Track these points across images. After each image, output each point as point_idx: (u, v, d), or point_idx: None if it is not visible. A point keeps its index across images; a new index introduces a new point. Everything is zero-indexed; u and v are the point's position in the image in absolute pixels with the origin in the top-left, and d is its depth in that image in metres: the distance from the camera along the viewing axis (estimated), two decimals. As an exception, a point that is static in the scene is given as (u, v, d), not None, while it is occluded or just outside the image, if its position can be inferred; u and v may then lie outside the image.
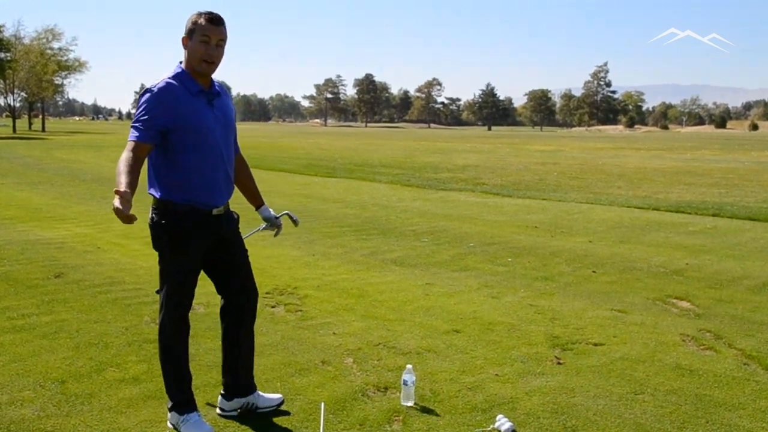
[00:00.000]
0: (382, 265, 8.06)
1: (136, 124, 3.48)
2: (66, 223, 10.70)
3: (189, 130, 3.51)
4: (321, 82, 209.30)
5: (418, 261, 8.29)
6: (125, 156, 3.39)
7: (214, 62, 3.57)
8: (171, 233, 3.61)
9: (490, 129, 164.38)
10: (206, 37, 3.53)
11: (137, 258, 8.04)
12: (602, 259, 8.52)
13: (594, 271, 7.83)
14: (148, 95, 3.50)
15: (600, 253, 8.96)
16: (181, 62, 3.64)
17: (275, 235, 4.25)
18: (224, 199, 3.72)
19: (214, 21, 3.56)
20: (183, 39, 3.60)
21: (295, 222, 4.37)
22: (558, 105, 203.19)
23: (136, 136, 3.46)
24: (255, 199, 4.16)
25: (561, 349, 5.12)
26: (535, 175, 21.58)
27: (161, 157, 3.57)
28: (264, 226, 4.23)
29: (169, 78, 3.56)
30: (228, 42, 3.65)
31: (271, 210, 4.20)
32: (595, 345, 5.24)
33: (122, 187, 3.20)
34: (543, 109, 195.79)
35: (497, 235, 10.19)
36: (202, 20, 3.53)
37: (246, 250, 3.90)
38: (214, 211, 3.67)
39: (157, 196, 3.63)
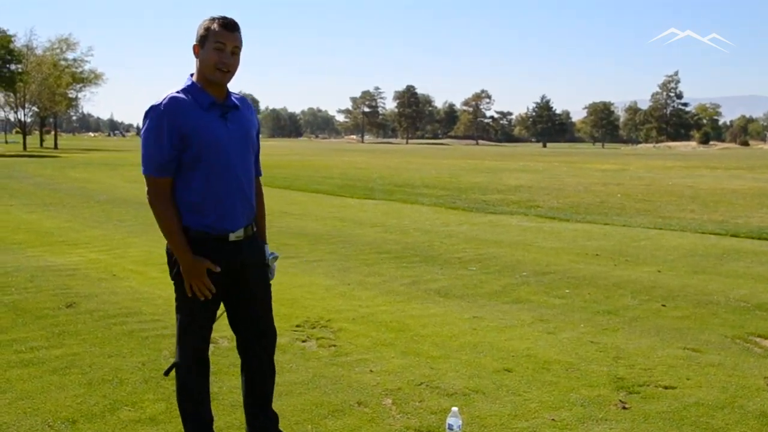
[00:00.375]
0: (425, 295, 8.04)
1: (149, 155, 3.50)
2: (79, 248, 10.88)
3: (199, 146, 3.51)
4: (357, 94, 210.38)
5: (464, 292, 8.26)
6: (159, 203, 3.53)
7: (229, 71, 3.58)
8: None
9: (545, 146, 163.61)
10: (220, 44, 3.54)
11: (156, 286, 8.15)
12: (673, 292, 8.40)
13: (664, 305, 7.72)
14: (153, 113, 3.50)
15: (670, 284, 8.83)
16: (192, 75, 3.66)
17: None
18: (242, 222, 3.69)
19: (229, 26, 3.57)
20: (194, 47, 3.62)
21: (273, 257, 4.01)
22: (622, 119, 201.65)
23: (155, 170, 3.51)
24: (258, 233, 3.97)
25: (626, 392, 5.05)
26: (596, 197, 21.40)
27: (173, 181, 3.60)
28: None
29: (176, 92, 3.57)
30: (256, 52, 3.68)
31: (269, 251, 3.97)
32: (666, 388, 5.15)
33: (198, 261, 3.54)
34: (605, 123, 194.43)
35: (553, 264, 10.12)
36: (215, 26, 3.55)
37: (269, 286, 3.87)
38: (231, 237, 3.65)
39: None
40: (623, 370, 5.54)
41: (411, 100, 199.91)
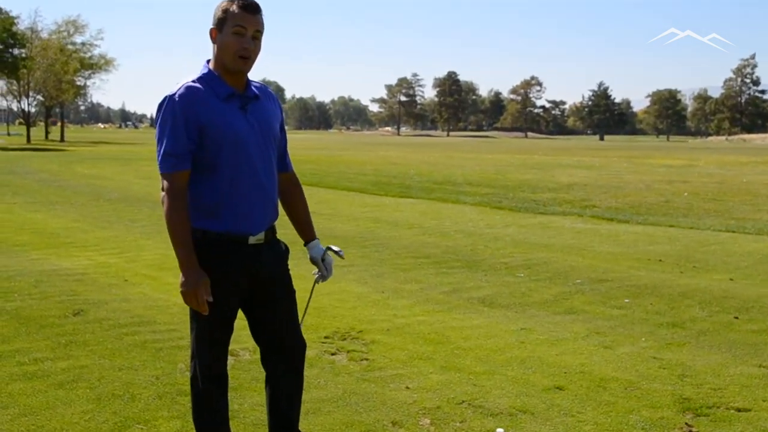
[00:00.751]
0: (467, 305, 8.04)
1: (164, 148, 3.52)
2: (87, 251, 11.03)
3: (217, 141, 3.53)
4: (393, 82, 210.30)
5: (511, 301, 8.25)
6: (173, 204, 3.51)
7: (249, 57, 3.58)
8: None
9: (602, 139, 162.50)
10: (241, 27, 3.54)
11: (171, 293, 8.23)
12: (747, 302, 8.31)
13: (736, 317, 7.65)
14: (167, 104, 3.53)
15: (744, 294, 8.74)
16: (208, 61, 3.68)
17: (322, 280, 4.06)
18: (262, 225, 3.71)
19: (250, 8, 3.56)
20: (211, 31, 3.61)
21: (339, 255, 4.17)
22: (690, 109, 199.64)
23: (172, 165, 3.53)
24: (305, 231, 4.06)
25: (693, 415, 5.01)
26: (660, 196, 21.22)
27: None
28: (316, 272, 4.06)
29: (191, 81, 3.59)
30: (280, 35, 3.70)
31: (321, 247, 4.06)
32: (739, 411, 5.10)
33: (200, 273, 3.50)
34: (670, 114, 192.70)
35: (611, 270, 10.06)
36: (234, 7, 3.55)
37: (294, 293, 3.89)
38: (251, 240, 3.66)
39: None
40: (690, 389, 5.49)
41: (453, 87, 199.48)
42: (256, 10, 3.58)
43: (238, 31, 3.53)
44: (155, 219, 14.31)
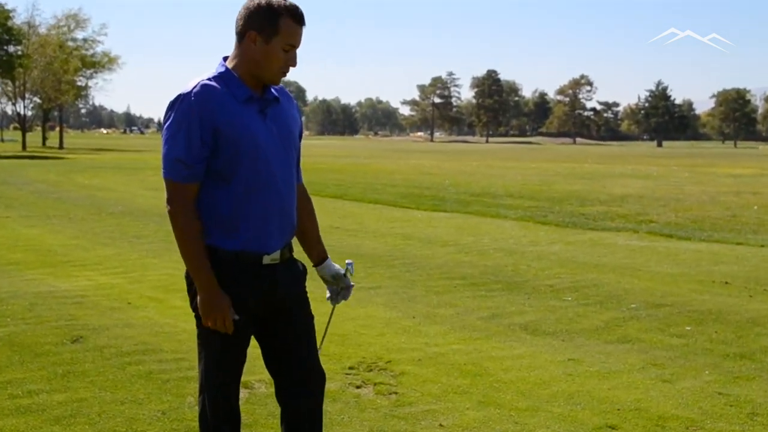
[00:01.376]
0: (508, 332, 8.02)
1: (173, 154, 3.54)
2: (87, 271, 11.10)
3: (234, 148, 3.55)
4: (427, 82, 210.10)
5: (557, 327, 8.21)
6: (184, 218, 3.56)
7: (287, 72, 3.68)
8: None
9: (660, 145, 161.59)
10: (291, 46, 3.60)
11: (179, 318, 8.26)
12: (824, 330, 8.21)
13: (812, 347, 7.56)
14: (180, 105, 3.54)
15: (821, 321, 8.64)
16: (225, 58, 3.70)
17: (339, 301, 4.03)
18: (279, 242, 3.72)
19: (302, 20, 3.62)
20: (251, 35, 3.59)
21: (350, 272, 4.08)
22: (761, 110, 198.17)
23: (184, 176, 3.54)
24: (314, 249, 4.03)
25: (763, 458, 4.95)
26: (727, 210, 21.06)
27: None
28: (330, 296, 4.03)
29: (208, 79, 3.60)
30: (303, 32, 3.69)
31: (335, 265, 4.03)
32: (814, 453, 5.04)
33: (219, 293, 3.56)
34: (738, 116, 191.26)
35: (670, 294, 9.99)
36: (287, 19, 3.57)
37: (312, 318, 3.89)
38: (266, 260, 3.67)
39: None
40: (761, 429, 5.44)
41: (493, 88, 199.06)
42: (304, 20, 3.63)
43: (289, 48, 3.59)
44: (162, 235, 14.37)
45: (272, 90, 3.73)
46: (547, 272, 11.46)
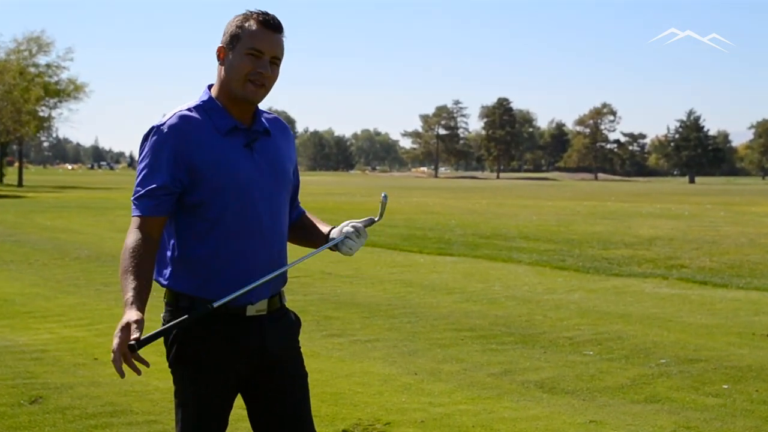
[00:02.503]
0: (522, 390, 8.01)
1: (141, 189, 3.56)
2: (49, 322, 11.08)
3: (212, 186, 3.56)
4: (430, 111, 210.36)
5: (577, 386, 8.20)
6: (131, 243, 3.50)
7: (264, 85, 3.63)
8: (182, 343, 3.65)
9: (693, 181, 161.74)
10: (256, 50, 3.59)
11: (151, 375, 8.20)
12: None
13: None
14: (154, 138, 3.57)
15: None
16: (210, 87, 3.74)
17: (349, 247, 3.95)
18: (265, 291, 3.70)
19: (271, 25, 3.62)
20: (219, 50, 3.67)
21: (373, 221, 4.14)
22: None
23: (145, 208, 3.55)
24: (320, 230, 3.98)
25: None
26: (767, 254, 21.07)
27: (170, 226, 3.66)
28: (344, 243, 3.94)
29: (186, 109, 3.64)
30: (292, 55, 3.68)
31: (340, 232, 3.93)
32: None
33: (130, 313, 3.39)
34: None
35: (705, 348, 9.98)
36: (251, 23, 3.60)
37: (305, 377, 3.88)
38: (250, 311, 3.66)
39: (164, 285, 3.71)
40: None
41: (504, 118, 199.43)
42: (278, 28, 3.63)
43: (254, 53, 3.58)
44: (134, 282, 14.34)
45: (263, 120, 3.74)
46: (566, 323, 11.45)
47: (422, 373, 8.60)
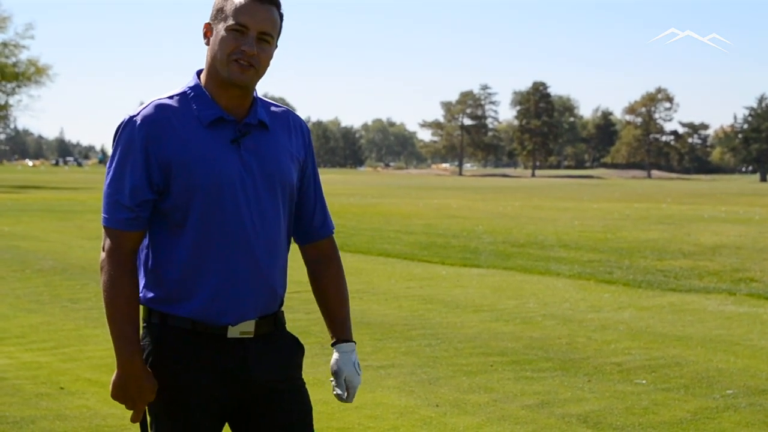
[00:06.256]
0: (562, 425, 8.02)
1: (112, 195, 3.59)
2: (7, 345, 11.10)
3: (186, 186, 3.59)
4: (454, 98, 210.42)
5: (627, 420, 8.20)
6: (114, 270, 3.56)
7: (252, 66, 3.63)
8: (156, 368, 3.66)
9: (765, 179, 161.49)
10: (240, 25, 3.60)
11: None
12: None
13: None
14: (123, 130, 3.61)
15: None
16: (199, 72, 3.77)
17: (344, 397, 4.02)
18: (249, 310, 3.71)
19: None
20: (205, 27, 3.71)
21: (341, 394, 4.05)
22: None
23: (118, 222, 3.59)
24: (334, 325, 4.07)
25: None
26: None
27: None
28: (335, 389, 4.02)
29: (167, 97, 3.67)
30: (292, 37, 3.70)
31: (354, 355, 4.04)
32: None
33: (131, 357, 3.56)
34: None
35: (778, 375, 9.96)
36: None
37: (308, 411, 3.89)
38: (231, 332, 3.68)
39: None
40: None
41: (540, 106, 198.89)
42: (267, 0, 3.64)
43: (238, 27, 3.60)
44: (106, 298, 14.36)
45: (261, 111, 3.76)
46: (614, 347, 11.44)
47: (444, 404, 8.61)
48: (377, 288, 16.45)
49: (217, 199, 3.60)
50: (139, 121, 3.57)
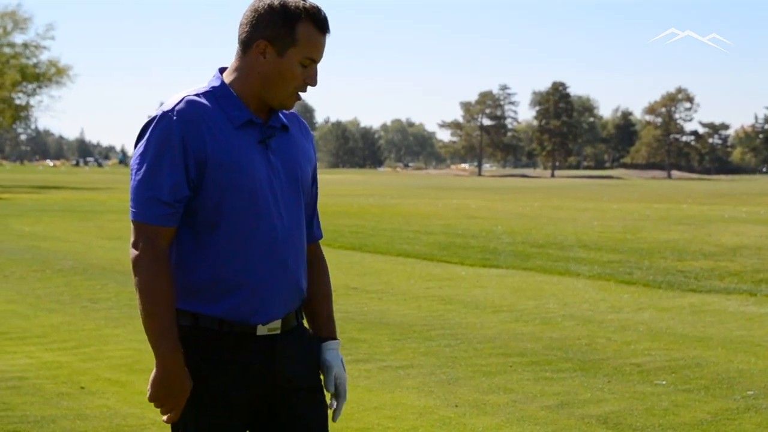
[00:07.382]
0: (582, 425, 8.00)
1: (146, 190, 3.57)
2: (28, 345, 11.13)
3: (220, 185, 3.58)
4: (473, 98, 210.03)
5: (648, 421, 8.18)
6: (151, 267, 3.55)
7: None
8: (188, 368, 3.65)
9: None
10: (312, 60, 3.64)
11: (146, 406, 8.24)
12: None
13: None
14: (157, 125, 3.58)
15: None
16: (221, 70, 3.75)
17: (332, 409, 3.98)
18: (278, 310, 3.72)
19: (325, 27, 3.66)
20: (260, 45, 3.63)
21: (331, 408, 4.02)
22: None
23: (155, 217, 3.57)
24: (322, 325, 4.02)
25: None
26: None
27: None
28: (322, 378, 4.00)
29: (194, 95, 3.65)
30: None
31: (340, 352, 3.99)
32: None
33: (171, 354, 3.53)
34: None
35: (799, 376, 9.92)
36: (308, 26, 3.62)
37: (325, 405, 3.90)
38: (260, 330, 3.69)
39: None
40: None
41: (560, 106, 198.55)
42: (328, 27, 3.67)
43: (308, 62, 3.64)
44: (126, 298, 14.40)
45: (281, 115, 3.77)
46: (634, 348, 11.42)
47: (464, 405, 8.60)
48: (396, 288, 16.46)
49: (250, 201, 3.60)
50: (175, 117, 3.54)
